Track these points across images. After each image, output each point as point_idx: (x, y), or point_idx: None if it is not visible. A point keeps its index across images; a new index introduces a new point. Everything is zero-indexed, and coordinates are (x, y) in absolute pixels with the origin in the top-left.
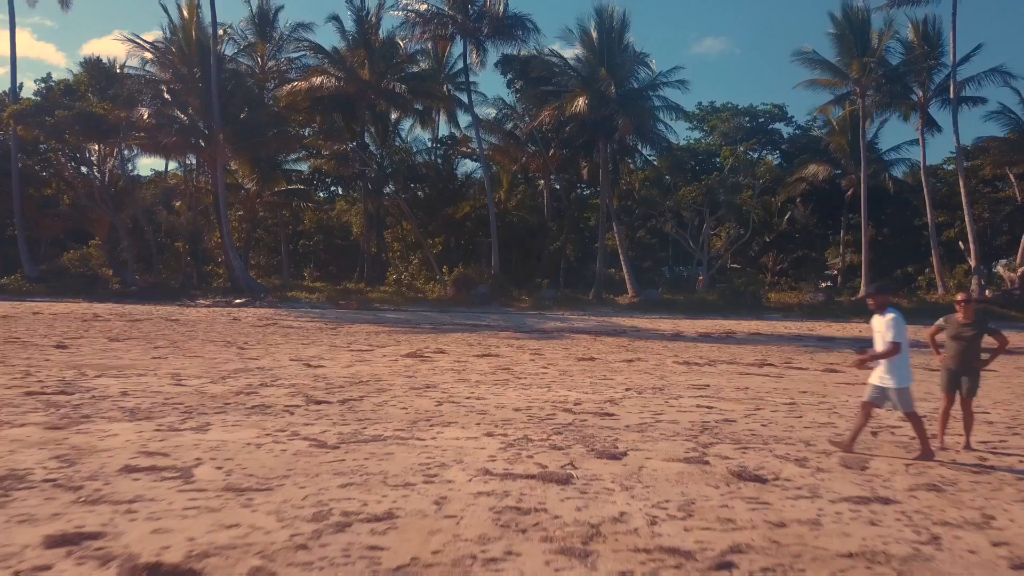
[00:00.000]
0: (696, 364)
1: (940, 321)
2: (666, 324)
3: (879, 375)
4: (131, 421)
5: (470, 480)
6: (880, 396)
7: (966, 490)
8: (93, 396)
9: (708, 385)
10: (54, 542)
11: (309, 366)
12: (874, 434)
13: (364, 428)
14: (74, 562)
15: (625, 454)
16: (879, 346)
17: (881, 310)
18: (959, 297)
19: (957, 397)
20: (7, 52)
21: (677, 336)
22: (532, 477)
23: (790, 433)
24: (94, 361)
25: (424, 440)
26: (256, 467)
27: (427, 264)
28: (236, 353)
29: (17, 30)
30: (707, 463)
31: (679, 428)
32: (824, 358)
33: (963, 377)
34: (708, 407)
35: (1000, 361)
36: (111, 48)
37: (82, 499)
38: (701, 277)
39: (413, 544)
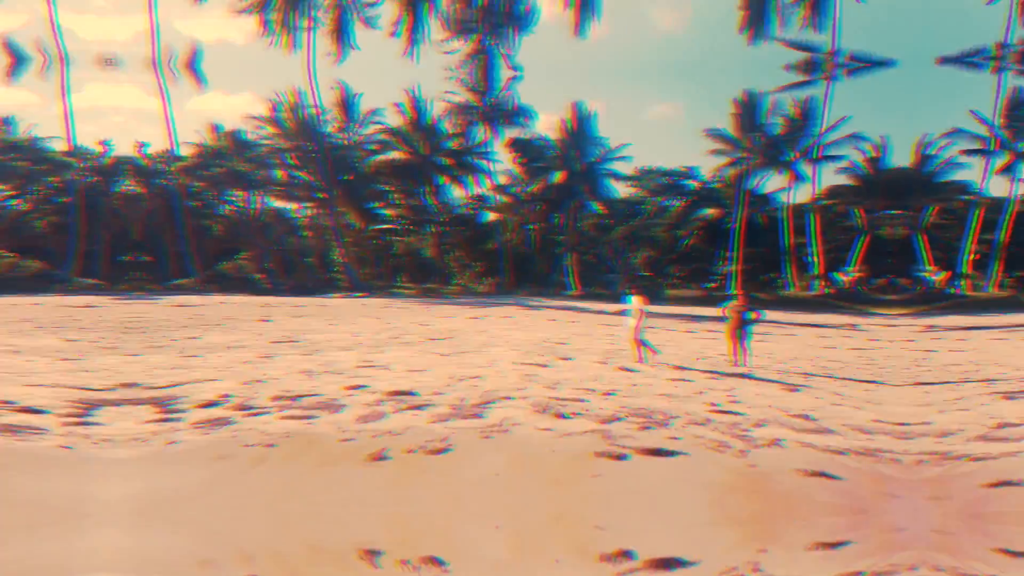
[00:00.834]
0: (610, 326)
1: (727, 303)
2: (597, 306)
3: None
4: (345, 351)
5: (508, 365)
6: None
7: (729, 380)
8: (312, 342)
9: (614, 336)
10: (347, 388)
11: (422, 326)
12: (697, 359)
13: (458, 350)
14: (360, 395)
15: (572, 358)
16: (633, 312)
17: (630, 293)
18: (737, 291)
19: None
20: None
21: (601, 312)
22: (534, 364)
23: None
24: (295, 327)
25: (483, 353)
26: (417, 364)
27: (475, 274)
28: (376, 320)
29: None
30: (607, 364)
31: (596, 351)
32: (688, 326)
33: (738, 331)
34: (612, 344)
35: (808, 331)
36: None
37: (346, 375)
38: (624, 281)
39: (490, 385)
